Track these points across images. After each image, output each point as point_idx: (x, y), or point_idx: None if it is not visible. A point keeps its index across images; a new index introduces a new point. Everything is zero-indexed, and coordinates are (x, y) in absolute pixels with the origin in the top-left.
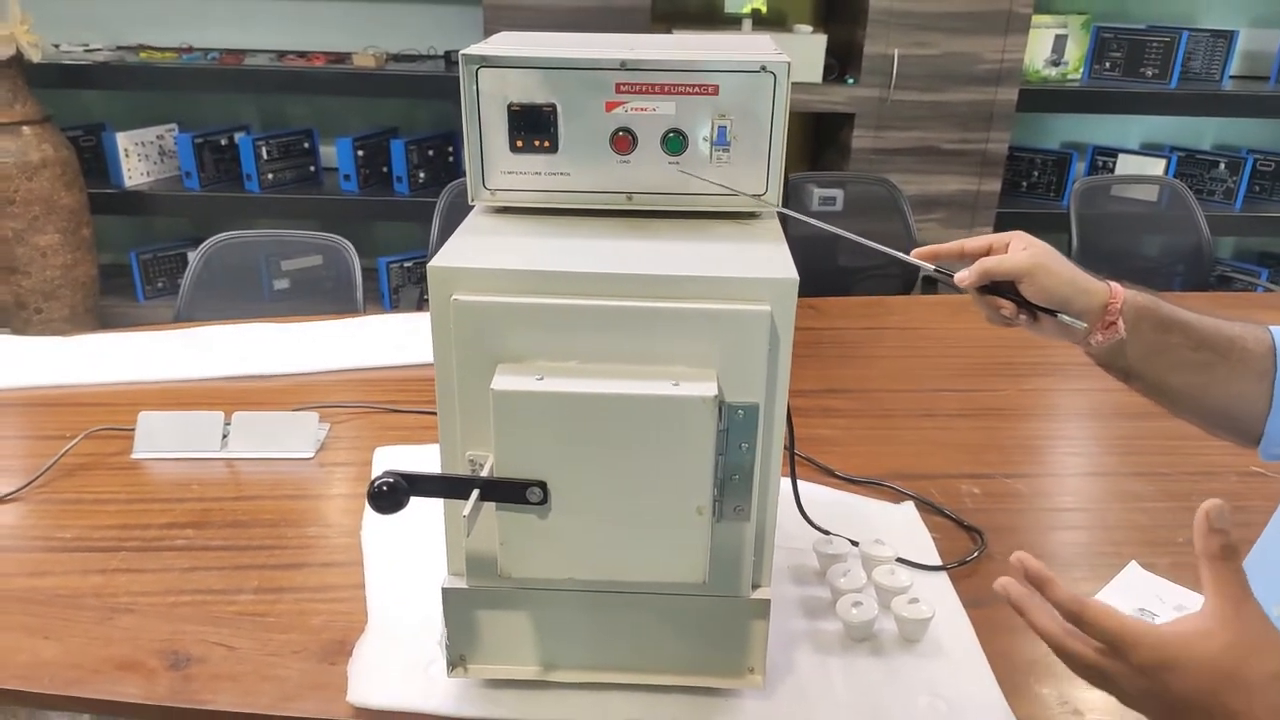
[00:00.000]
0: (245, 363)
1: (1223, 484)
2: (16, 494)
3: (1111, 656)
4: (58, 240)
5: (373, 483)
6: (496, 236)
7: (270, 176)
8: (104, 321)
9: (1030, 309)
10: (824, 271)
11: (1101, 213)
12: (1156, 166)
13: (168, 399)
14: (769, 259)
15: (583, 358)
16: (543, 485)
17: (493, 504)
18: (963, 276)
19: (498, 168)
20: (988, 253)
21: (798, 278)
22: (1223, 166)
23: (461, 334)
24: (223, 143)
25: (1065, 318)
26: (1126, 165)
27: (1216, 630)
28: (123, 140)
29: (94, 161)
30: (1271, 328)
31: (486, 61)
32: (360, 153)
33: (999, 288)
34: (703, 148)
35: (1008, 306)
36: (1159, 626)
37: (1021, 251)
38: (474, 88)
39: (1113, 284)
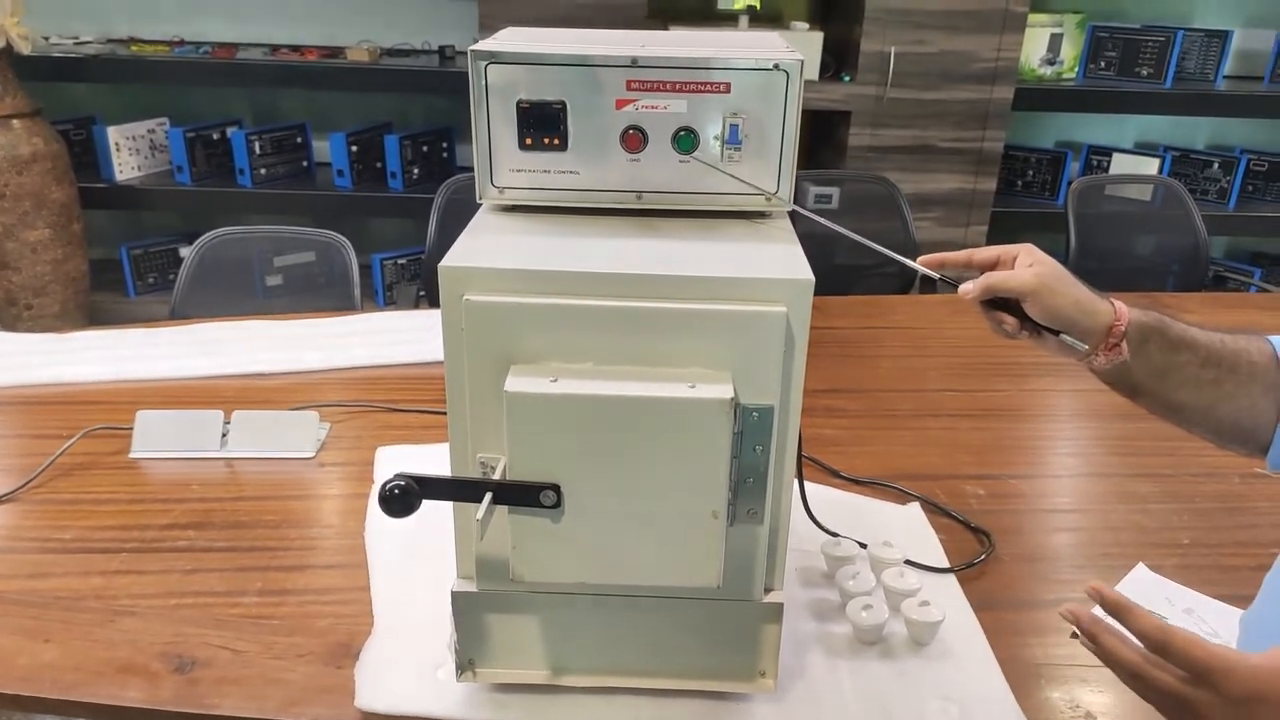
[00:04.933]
0: (244, 361)
1: (1225, 485)
2: (13, 494)
3: (1197, 685)
4: (48, 235)
5: (384, 486)
6: (507, 236)
7: (263, 171)
8: (95, 317)
9: (1033, 326)
10: (823, 270)
11: (1097, 212)
12: (1150, 166)
13: (165, 397)
14: (783, 259)
15: (597, 359)
16: (556, 488)
17: (505, 507)
18: (967, 289)
19: (506, 165)
20: (995, 265)
21: (813, 279)
22: (1216, 166)
23: (474, 335)
24: (214, 137)
25: (1067, 339)
26: (1121, 165)
27: None
28: (113, 134)
29: (84, 155)
30: (1271, 338)
31: (496, 57)
32: (354, 148)
33: (1003, 303)
34: (714, 146)
35: (1010, 322)
36: (1250, 657)
37: (1028, 269)
38: (482, 84)
39: (1118, 304)
